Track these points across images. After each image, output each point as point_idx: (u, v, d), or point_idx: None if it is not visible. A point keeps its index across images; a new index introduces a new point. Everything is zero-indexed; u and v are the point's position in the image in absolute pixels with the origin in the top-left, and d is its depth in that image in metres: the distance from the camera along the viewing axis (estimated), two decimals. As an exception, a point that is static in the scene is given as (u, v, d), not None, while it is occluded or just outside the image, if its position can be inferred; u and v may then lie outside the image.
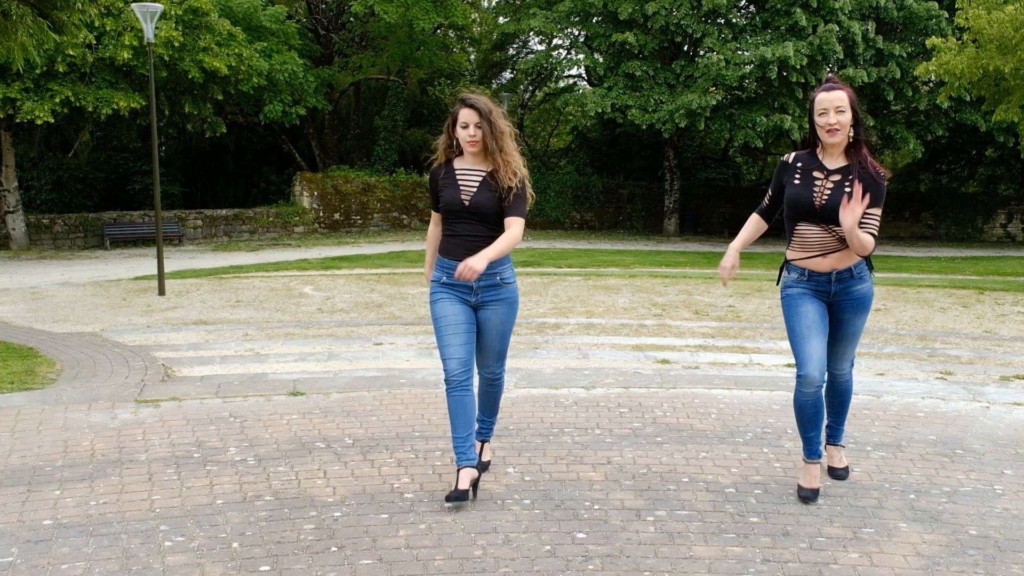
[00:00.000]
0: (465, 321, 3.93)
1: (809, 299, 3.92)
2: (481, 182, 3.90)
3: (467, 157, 3.96)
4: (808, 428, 3.98)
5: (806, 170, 3.87)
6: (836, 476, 4.23)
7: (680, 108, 23.41)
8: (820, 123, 3.79)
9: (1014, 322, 9.77)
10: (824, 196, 3.78)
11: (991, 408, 5.66)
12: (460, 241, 3.92)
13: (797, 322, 3.90)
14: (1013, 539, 3.58)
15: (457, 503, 3.81)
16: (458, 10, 27.46)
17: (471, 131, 3.85)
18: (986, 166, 32.86)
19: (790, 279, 3.99)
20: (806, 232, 3.88)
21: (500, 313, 4.01)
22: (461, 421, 3.90)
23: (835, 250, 3.84)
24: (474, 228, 3.91)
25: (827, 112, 3.76)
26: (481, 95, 3.93)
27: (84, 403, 5.66)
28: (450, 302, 3.94)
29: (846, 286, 3.90)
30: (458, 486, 3.85)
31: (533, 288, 12.74)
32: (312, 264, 16.66)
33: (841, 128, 3.75)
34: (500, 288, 3.99)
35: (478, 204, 3.88)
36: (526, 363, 7.18)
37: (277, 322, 9.48)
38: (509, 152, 3.89)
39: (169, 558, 3.36)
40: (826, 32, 22.79)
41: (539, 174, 31.09)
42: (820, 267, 3.88)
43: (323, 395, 5.87)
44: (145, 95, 19.74)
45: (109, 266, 17.18)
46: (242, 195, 30.79)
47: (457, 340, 3.90)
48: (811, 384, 3.84)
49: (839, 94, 3.76)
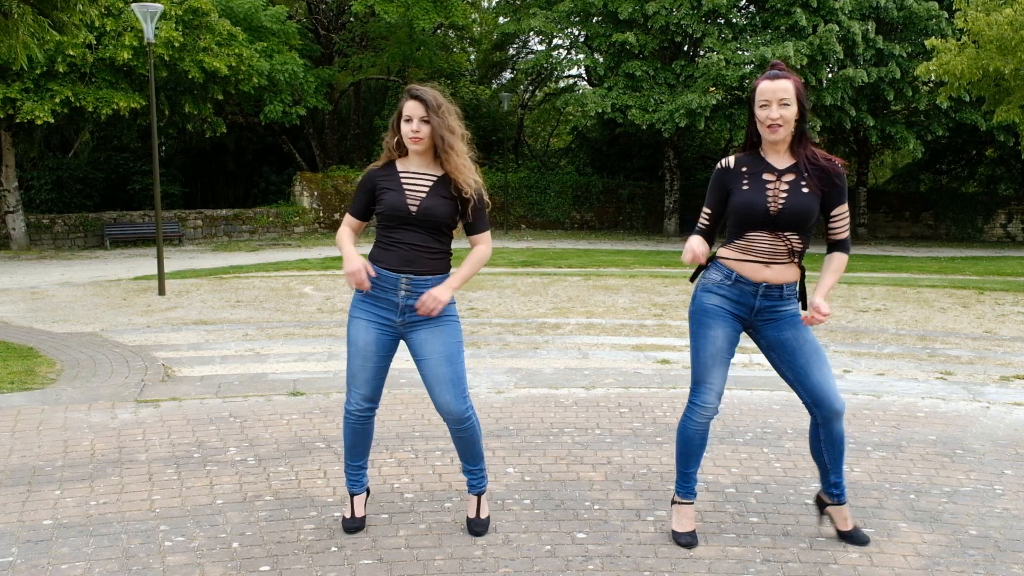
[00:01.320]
0: (377, 353, 3.47)
1: (723, 321, 3.39)
2: (432, 187, 3.40)
3: (412, 159, 3.44)
4: (691, 463, 3.53)
5: (753, 173, 3.33)
6: (857, 540, 3.53)
7: (680, 108, 23.42)
8: (760, 116, 3.28)
9: (1014, 322, 9.77)
10: (779, 201, 3.27)
11: (991, 408, 5.66)
12: (398, 251, 3.40)
13: (703, 347, 3.41)
14: (1013, 539, 3.58)
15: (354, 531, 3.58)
16: (458, 10, 27.47)
17: (415, 126, 3.35)
18: (986, 166, 32.90)
19: (710, 281, 3.43)
20: (756, 239, 3.34)
21: (438, 333, 3.43)
22: (359, 451, 3.60)
23: (782, 262, 3.34)
24: (418, 238, 3.40)
25: (769, 104, 3.25)
26: (432, 88, 3.43)
27: (84, 403, 5.66)
28: (365, 328, 3.46)
29: (771, 304, 3.37)
30: (354, 514, 3.62)
31: (533, 288, 12.74)
32: (312, 264, 16.66)
33: (784, 124, 3.26)
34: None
35: (428, 211, 3.36)
36: (526, 363, 7.18)
37: (277, 322, 9.48)
38: (460, 154, 3.38)
39: (169, 558, 3.36)
40: (826, 32, 22.80)
41: (539, 174, 31.13)
42: (754, 276, 3.34)
43: (323, 395, 5.87)
44: (145, 95, 19.75)
45: (109, 266, 17.18)
46: (242, 195, 30.81)
47: (365, 374, 3.48)
48: (708, 414, 3.44)
49: (784, 84, 3.27)
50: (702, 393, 3.43)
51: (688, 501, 3.56)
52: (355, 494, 3.65)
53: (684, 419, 3.50)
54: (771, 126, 3.27)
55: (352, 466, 3.63)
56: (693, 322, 3.45)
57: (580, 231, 30.05)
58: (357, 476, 3.65)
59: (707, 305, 3.42)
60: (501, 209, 29.11)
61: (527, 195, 29.92)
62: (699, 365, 3.43)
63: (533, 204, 29.96)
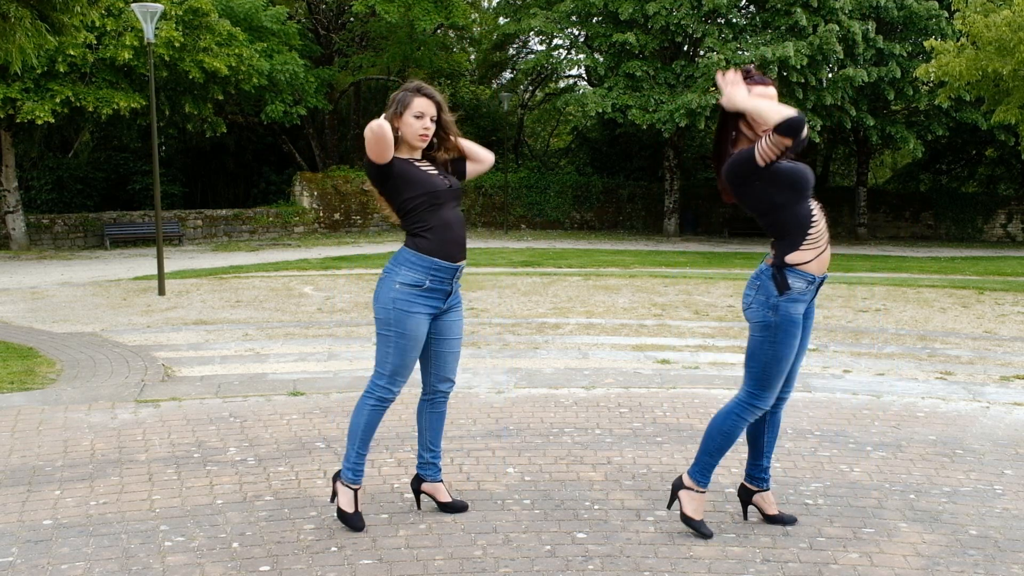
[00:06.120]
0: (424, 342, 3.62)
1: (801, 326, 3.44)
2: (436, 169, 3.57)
3: (402, 151, 3.53)
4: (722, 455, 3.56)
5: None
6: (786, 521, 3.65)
7: (680, 108, 23.42)
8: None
9: (1014, 322, 9.77)
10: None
11: (991, 408, 5.66)
12: (451, 234, 3.53)
13: (787, 355, 3.40)
14: (1013, 539, 3.58)
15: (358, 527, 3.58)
16: (459, 10, 27.48)
17: (427, 123, 3.48)
18: (986, 166, 32.91)
19: (795, 291, 3.35)
20: (819, 219, 3.36)
21: (460, 314, 3.72)
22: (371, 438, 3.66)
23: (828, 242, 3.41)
24: (458, 213, 3.59)
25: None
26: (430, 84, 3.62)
27: (84, 403, 5.66)
28: (424, 320, 3.54)
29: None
30: (357, 508, 3.63)
31: (533, 288, 12.74)
32: (312, 264, 16.66)
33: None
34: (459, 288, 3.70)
35: (455, 183, 3.59)
36: (526, 363, 7.18)
37: (277, 322, 9.48)
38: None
39: (169, 558, 3.36)
40: (826, 32, 22.80)
41: (539, 174, 31.13)
42: (822, 267, 3.38)
43: (323, 395, 5.87)
44: (145, 95, 19.74)
45: (109, 266, 17.18)
46: (242, 195, 30.80)
47: (415, 364, 3.61)
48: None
49: (766, 90, 3.33)
50: (770, 398, 3.47)
51: (705, 491, 3.60)
52: (356, 488, 3.64)
53: (738, 418, 3.48)
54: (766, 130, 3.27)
55: (362, 455, 3.63)
56: (782, 333, 3.36)
57: (580, 231, 30.04)
58: (363, 467, 3.65)
59: (795, 316, 3.38)
60: (501, 209, 29.10)
61: (527, 195, 29.91)
62: (779, 373, 3.42)
63: (533, 204, 29.96)
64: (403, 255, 3.55)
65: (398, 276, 3.52)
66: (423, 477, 3.81)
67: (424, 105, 3.47)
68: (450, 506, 3.79)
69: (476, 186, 28.99)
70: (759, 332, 3.40)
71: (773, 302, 3.36)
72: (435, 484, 3.81)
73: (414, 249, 3.52)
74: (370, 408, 3.60)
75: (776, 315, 3.36)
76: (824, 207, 3.54)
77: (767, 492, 3.66)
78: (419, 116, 3.47)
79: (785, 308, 3.35)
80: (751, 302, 3.44)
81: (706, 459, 3.55)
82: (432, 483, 3.80)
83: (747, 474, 3.70)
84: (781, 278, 3.34)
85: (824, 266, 3.40)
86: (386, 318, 3.53)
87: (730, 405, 3.53)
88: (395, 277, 3.53)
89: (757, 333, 3.41)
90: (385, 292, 3.54)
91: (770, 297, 3.37)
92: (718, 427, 3.51)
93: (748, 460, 3.69)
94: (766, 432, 3.61)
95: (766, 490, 3.66)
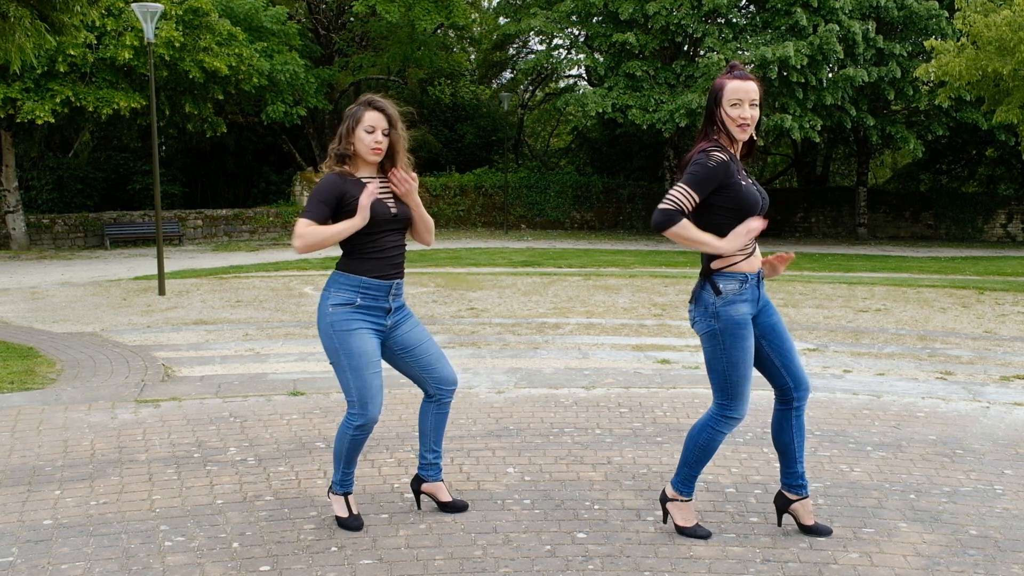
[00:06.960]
0: (379, 359, 3.54)
1: (751, 327, 3.41)
2: (390, 189, 3.56)
3: (361, 166, 3.53)
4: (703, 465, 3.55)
5: (739, 168, 3.40)
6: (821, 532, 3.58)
7: (680, 108, 23.41)
8: (732, 115, 3.32)
9: (1014, 322, 9.77)
10: (763, 191, 3.45)
11: (991, 408, 5.66)
12: (386, 257, 3.53)
13: (743, 359, 3.38)
14: (1013, 539, 3.58)
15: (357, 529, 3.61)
16: (460, 10, 27.47)
17: (378, 137, 3.46)
18: (986, 166, 32.90)
19: (730, 292, 3.36)
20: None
21: (414, 321, 3.67)
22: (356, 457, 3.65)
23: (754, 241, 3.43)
24: (399, 239, 3.58)
25: (741, 104, 3.31)
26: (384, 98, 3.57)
27: (84, 403, 5.66)
28: (367, 335, 3.49)
29: (761, 291, 3.49)
30: (351, 511, 3.65)
31: (533, 288, 12.74)
32: (312, 264, 16.66)
33: (752, 124, 3.34)
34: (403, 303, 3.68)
35: (403, 211, 3.55)
36: (526, 363, 7.18)
37: (277, 322, 9.48)
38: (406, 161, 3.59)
39: (169, 558, 3.36)
40: (826, 32, 22.79)
41: (539, 174, 31.13)
42: (754, 266, 3.40)
43: (323, 395, 5.87)
44: (145, 95, 19.75)
45: (109, 266, 17.18)
46: (242, 195, 30.80)
47: (378, 381, 3.50)
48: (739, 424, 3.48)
49: (753, 86, 3.33)
50: (741, 407, 3.43)
51: (691, 499, 3.60)
52: (349, 494, 3.67)
53: (713, 431, 3.46)
54: (741, 125, 3.33)
55: (348, 472, 3.64)
56: (729, 336, 3.35)
57: (580, 231, 30.04)
58: (351, 478, 3.68)
59: (738, 317, 3.36)
60: (501, 209, 29.10)
61: (527, 195, 29.91)
62: (740, 379, 3.39)
63: (533, 204, 29.95)
64: (333, 277, 3.58)
65: (330, 299, 3.53)
66: (424, 477, 3.82)
67: (375, 119, 3.46)
68: (450, 506, 3.80)
69: (476, 186, 29.01)
70: (708, 343, 3.41)
71: (712, 310, 3.37)
72: (435, 484, 3.82)
73: (342, 270, 3.55)
74: (351, 437, 3.55)
75: (719, 321, 3.37)
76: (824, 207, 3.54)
77: (807, 499, 3.59)
78: (370, 130, 3.46)
79: (726, 312, 3.35)
80: (694, 316, 3.46)
81: (686, 470, 3.56)
82: (432, 483, 3.81)
83: (783, 483, 3.62)
84: (712, 284, 3.37)
85: (756, 264, 3.42)
86: (330, 344, 3.51)
87: (704, 418, 3.51)
88: (328, 301, 3.53)
89: (707, 344, 3.42)
90: (322, 318, 3.55)
91: (708, 306, 3.38)
92: (695, 439, 3.51)
93: (781, 469, 3.61)
94: (794, 438, 3.53)
95: (806, 496, 3.58)
